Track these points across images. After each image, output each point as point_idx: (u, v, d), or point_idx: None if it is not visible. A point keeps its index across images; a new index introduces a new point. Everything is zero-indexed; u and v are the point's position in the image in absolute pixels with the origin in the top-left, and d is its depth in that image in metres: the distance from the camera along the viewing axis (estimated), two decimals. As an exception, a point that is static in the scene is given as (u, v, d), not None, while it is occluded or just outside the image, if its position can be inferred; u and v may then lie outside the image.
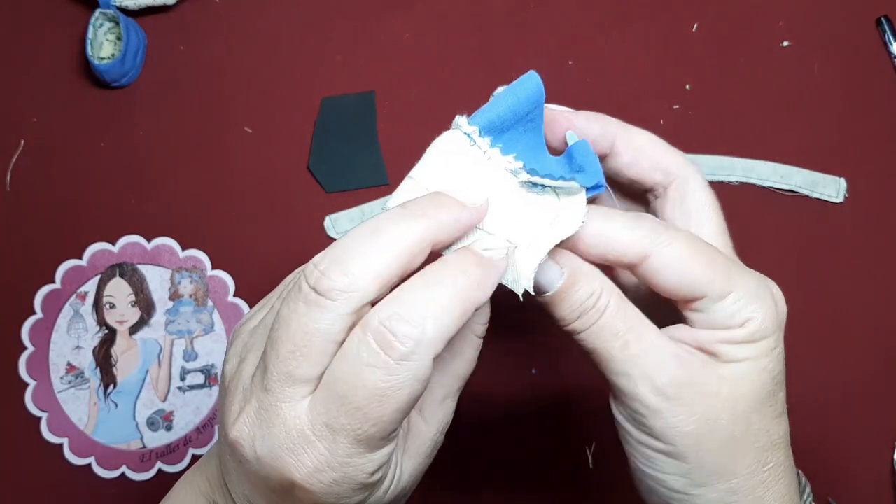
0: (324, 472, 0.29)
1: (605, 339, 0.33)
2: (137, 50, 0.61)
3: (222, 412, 0.32)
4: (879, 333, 0.58)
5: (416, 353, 0.28)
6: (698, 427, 0.32)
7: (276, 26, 0.62)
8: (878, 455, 0.57)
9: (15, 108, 0.62)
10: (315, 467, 0.28)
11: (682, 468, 0.33)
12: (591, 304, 0.32)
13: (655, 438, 0.33)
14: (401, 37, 0.62)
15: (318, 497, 0.29)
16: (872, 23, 0.61)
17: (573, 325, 0.33)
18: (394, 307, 0.28)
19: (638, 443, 0.34)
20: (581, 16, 0.62)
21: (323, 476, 0.29)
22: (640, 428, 0.33)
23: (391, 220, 0.29)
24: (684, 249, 0.32)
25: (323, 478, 0.29)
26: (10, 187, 0.61)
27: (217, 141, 0.61)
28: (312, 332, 0.28)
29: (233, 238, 0.60)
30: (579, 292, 0.32)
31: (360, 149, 0.60)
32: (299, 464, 0.29)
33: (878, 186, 0.59)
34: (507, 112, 0.34)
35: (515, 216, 0.33)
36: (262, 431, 0.29)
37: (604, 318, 0.32)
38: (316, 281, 0.28)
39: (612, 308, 0.32)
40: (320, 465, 0.28)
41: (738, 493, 0.33)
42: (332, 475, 0.29)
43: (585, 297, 0.32)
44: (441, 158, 0.33)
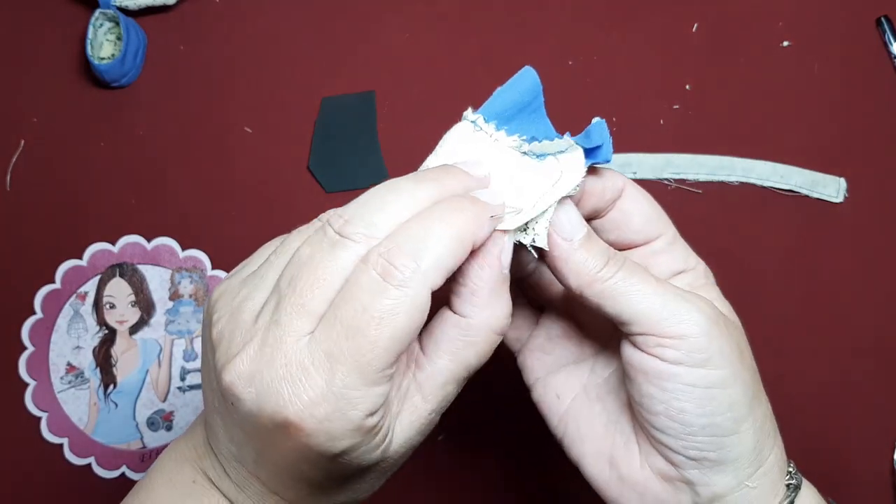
0: (318, 406, 0.29)
1: (637, 282, 0.34)
2: (137, 50, 0.61)
3: (210, 365, 0.32)
4: (879, 333, 0.58)
5: (414, 280, 0.30)
6: (733, 349, 0.34)
7: (276, 26, 0.62)
8: (878, 455, 0.57)
9: (15, 108, 0.62)
10: (310, 400, 0.29)
11: (732, 396, 0.34)
12: (612, 252, 0.35)
13: (712, 368, 0.34)
14: (401, 37, 0.62)
15: (309, 435, 0.29)
16: (872, 23, 0.61)
17: (602, 272, 0.34)
18: (393, 242, 0.30)
19: (693, 387, 0.34)
20: (581, 16, 0.62)
21: (317, 410, 0.29)
22: (695, 366, 0.34)
23: (406, 181, 0.32)
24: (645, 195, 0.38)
25: (317, 411, 0.29)
26: (10, 187, 0.61)
27: (217, 141, 0.61)
28: (332, 269, 0.30)
29: (233, 238, 0.60)
30: (599, 241, 0.35)
31: (360, 149, 0.60)
32: (294, 397, 0.29)
33: (878, 186, 0.59)
34: (509, 103, 0.36)
35: (520, 185, 0.35)
36: (261, 367, 0.30)
37: (629, 262, 0.35)
38: (340, 226, 0.31)
39: (628, 258, 0.35)
40: (315, 398, 0.29)
41: (762, 430, 0.35)
42: (325, 408, 0.29)
43: (605, 245, 0.35)
44: (450, 146, 0.36)
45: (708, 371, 0.34)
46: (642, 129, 0.60)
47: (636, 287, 0.34)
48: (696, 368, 0.34)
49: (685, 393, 0.34)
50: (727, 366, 0.34)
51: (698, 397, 0.34)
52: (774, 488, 0.36)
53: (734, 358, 0.34)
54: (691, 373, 0.34)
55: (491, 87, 0.61)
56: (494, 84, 0.61)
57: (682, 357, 0.34)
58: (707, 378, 0.34)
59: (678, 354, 0.34)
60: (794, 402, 0.57)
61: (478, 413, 0.58)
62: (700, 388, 0.34)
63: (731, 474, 0.35)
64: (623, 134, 0.60)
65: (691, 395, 0.34)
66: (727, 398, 0.34)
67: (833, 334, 0.58)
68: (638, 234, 0.38)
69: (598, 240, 0.36)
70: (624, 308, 0.34)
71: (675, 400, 0.34)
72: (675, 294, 0.34)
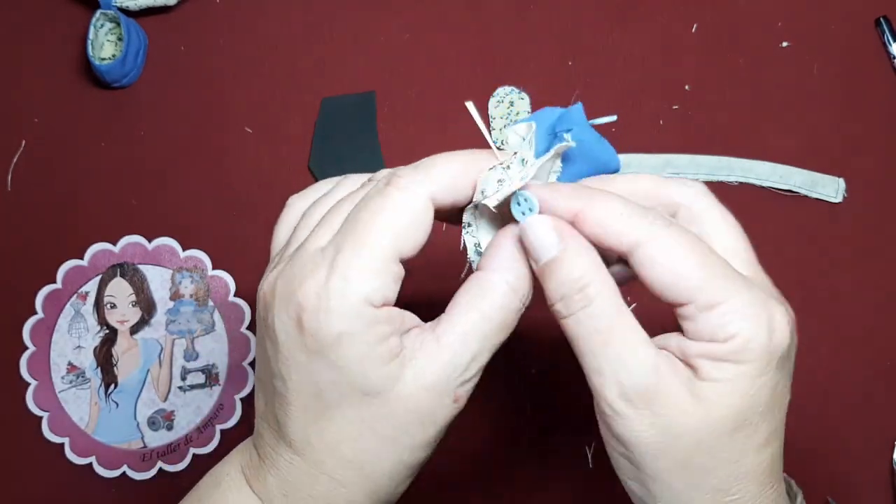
0: (320, 284, 0.32)
1: (586, 330, 0.32)
2: (138, 50, 0.61)
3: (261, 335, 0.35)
4: (879, 333, 0.58)
5: (413, 184, 0.33)
6: (657, 441, 0.31)
7: (276, 26, 0.62)
8: (878, 455, 0.57)
9: (16, 109, 0.62)
10: (315, 282, 0.32)
11: (639, 476, 0.33)
12: (577, 287, 0.32)
13: (616, 440, 0.33)
14: (401, 37, 0.62)
15: (310, 315, 0.32)
16: (872, 23, 0.61)
17: (557, 307, 0.33)
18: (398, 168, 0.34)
19: (608, 442, 0.34)
20: (581, 16, 0.62)
21: (318, 287, 0.32)
22: (605, 427, 0.33)
23: (444, 155, 0.35)
24: (679, 247, 0.31)
25: (318, 288, 0.32)
26: (11, 187, 0.62)
27: (217, 141, 0.61)
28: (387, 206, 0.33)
29: (233, 238, 0.60)
30: (569, 270, 0.32)
31: (360, 149, 0.60)
32: (303, 282, 0.32)
33: (877, 186, 0.59)
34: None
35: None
36: (285, 270, 0.33)
37: (590, 308, 0.32)
38: (397, 181, 0.34)
39: (599, 301, 0.32)
40: (319, 279, 0.32)
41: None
42: (325, 286, 0.32)
43: (575, 276, 0.32)
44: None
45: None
46: (642, 129, 0.60)
47: (589, 336, 0.32)
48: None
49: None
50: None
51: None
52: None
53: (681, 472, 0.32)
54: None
55: (491, 87, 0.61)
56: (495, 84, 0.61)
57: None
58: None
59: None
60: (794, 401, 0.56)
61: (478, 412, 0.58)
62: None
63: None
64: (623, 134, 0.60)
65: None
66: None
67: (832, 334, 0.58)
68: (661, 297, 0.32)
69: (571, 265, 0.32)
70: (582, 359, 0.33)
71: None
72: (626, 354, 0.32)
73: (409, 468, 0.35)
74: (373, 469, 0.34)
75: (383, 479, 0.35)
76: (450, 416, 0.34)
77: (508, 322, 0.34)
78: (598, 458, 0.57)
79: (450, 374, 0.33)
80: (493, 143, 0.35)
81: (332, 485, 0.34)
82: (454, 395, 0.33)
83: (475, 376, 0.34)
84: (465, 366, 0.33)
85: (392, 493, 0.35)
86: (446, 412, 0.34)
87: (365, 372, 0.32)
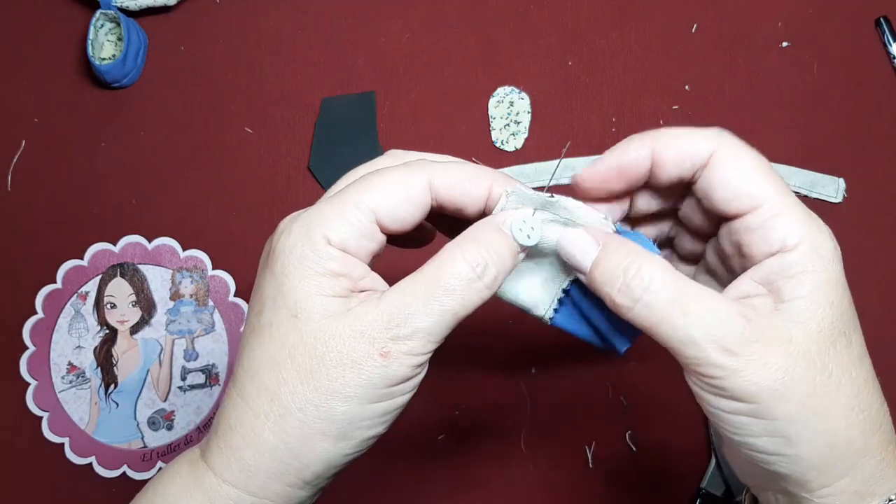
0: (295, 219, 0.35)
1: (660, 309, 0.32)
2: (138, 50, 0.61)
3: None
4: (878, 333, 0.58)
5: (417, 165, 0.35)
6: (776, 379, 0.31)
7: (276, 26, 0.63)
8: (878, 454, 0.57)
9: (16, 109, 0.62)
10: (296, 215, 0.35)
11: (771, 427, 0.32)
12: (630, 272, 0.32)
13: (738, 400, 0.32)
14: (401, 37, 0.62)
15: (279, 234, 0.35)
16: (871, 23, 0.61)
17: (620, 301, 0.33)
18: None
19: (723, 412, 0.32)
20: (581, 16, 0.62)
21: (294, 221, 0.35)
22: (720, 394, 0.32)
23: (462, 162, 0.37)
24: (747, 155, 0.33)
25: (294, 220, 0.35)
26: (11, 187, 0.62)
27: (217, 141, 0.61)
28: (383, 174, 0.36)
29: (233, 238, 0.60)
30: (616, 260, 0.33)
31: (360, 149, 0.60)
32: (291, 217, 0.35)
33: (877, 186, 0.59)
34: None
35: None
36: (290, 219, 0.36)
37: (652, 285, 0.32)
38: (409, 159, 0.37)
39: (657, 277, 0.32)
40: (300, 214, 0.35)
41: (836, 447, 0.32)
42: (299, 218, 0.35)
43: (623, 263, 0.33)
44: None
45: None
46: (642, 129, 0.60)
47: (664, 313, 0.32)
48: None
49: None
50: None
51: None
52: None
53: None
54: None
55: (491, 87, 0.61)
56: (495, 84, 0.61)
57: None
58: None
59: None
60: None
61: (478, 411, 0.58)
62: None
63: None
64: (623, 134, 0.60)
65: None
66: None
67: (832, 334, 0.58)
68: (727, 208, 0.33)
69: (614, 254, 0.33)
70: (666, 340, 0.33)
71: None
72: None
73: (327, 418, 0.33)
74: (286, 404, 0.33)
75: (294, 422, 0.33)
76: (377, 375, 0.33)
77: (458, 290, 0.33)
78: (598, 458, 0.57)
79: (380, 323, 0.33)
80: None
81: (247, 413, 0.34)
82: (382, 347, 0.32)
83: (413, 342, 0.33)
84: (399, 321, 0.32)
85: (309, 451, 0.33)
86: (372, 365, 0.32)
87: (298, 291, 0.33)
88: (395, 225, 0.34)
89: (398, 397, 0.34)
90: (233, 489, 0.34)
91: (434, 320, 0.33)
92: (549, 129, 0.60)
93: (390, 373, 0.33)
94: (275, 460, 0.33)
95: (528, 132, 0.60)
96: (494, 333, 0.58)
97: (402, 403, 0.34)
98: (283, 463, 0.33)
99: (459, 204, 0.35)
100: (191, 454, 0.36)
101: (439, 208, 0.36)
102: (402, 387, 0.33)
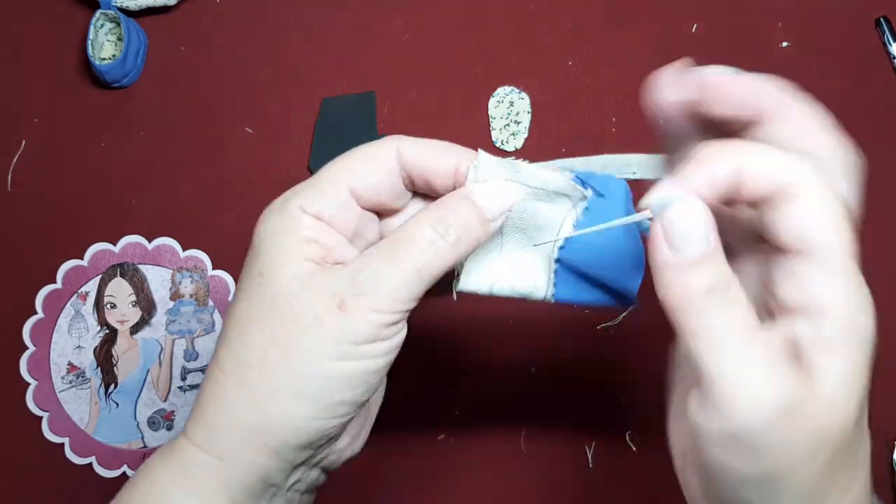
0: (276, 198, 0.36)
1: (723, 333, 0.29)
2: (138, 50, 0.61)
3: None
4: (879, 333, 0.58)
5: (388, 139, 0.35)
6: (804, 449, 0.29)
7: (276, 26, 0.63)
8: (877, 455, 0.57)
9: (16, 109, 0.62)
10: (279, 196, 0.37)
11: (768, 490, 0.30)
12: (723, 287, 0.29)
13: (747, 457, 0.29)
14: (401, 37, 0.62)
15: (260, 218, 0.36)
16: (872, 23, 0.61)
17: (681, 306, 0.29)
18: None
19: (720, 457, 0.30)
20: (581, 16, 0.62)
21: (275, 200, 0.37)
22: (726, 442, 0.30)
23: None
24: (825, 200, 0.30)
25: (275, 200, 0.37)
26: (11, 187, 0.62)
27: (217, 141, 0.61)
28: (358, 150, 0.37)
29: (233, 238, 0.60)
30: (713, 269, 0.29)
31: (360, 149, 0.61)
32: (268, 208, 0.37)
33: (877, 187, 0.59)
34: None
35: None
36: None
37: (730, 308, 0.29)
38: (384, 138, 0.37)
39: (738, 300, 0.29)
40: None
41: None
42: (281, 197, 0.37)
43: (719, 276, 0.29)
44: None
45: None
46: (642, 129, 0.60)
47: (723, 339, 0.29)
48: None
49: None
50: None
51: None
52: None
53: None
54: None
55: (491, 86, 0.61)
56: (495, 84, 0.61)
57: None
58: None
59: None
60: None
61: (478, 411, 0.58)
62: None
63: None
64: (623, 134, 0.60)
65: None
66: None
67: (832, 334, 0.58)
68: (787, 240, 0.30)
69: (716, 263, 0.29)
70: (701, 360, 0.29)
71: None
72: None
73: (288, 375, 0.33)
74: (248, 359, 0.33)
75: (254, 375, 0.33)
76: (336, 328, 0.32)
77: (420, 248, 0.33)
78: (598, 458, 0.57)
79: (342, 281, 0.33)
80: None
81: (215, 373, 0.34)
82: (340, 301, 0.32)
83: (377, 297, 0.32)
84: (362, 279, 0.32)
85: (270, 409, 0.33)
86: (331, 319, 0.32)
87: (268, 255, 0.34)
88: (370, 192, 0.35)
89: (366, 360, 0.33)
90: (200, 452, 0.33)
91: (398, 279, 0.32)
92: (549, 129, 0.60)
93: (352, 328, 0.32)
94: (239, 421, 0.33)
95: (528, 132, 0.60)
96: (494, 333, 0.58)
97: (371, 368, 0.33)
98: (248, 425, 0.33)
99: (427, 174, 0.35)
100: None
101: (411, 184, 0.36)
102: (369, 348, 0.33)
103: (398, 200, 0.36)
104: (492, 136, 0.60)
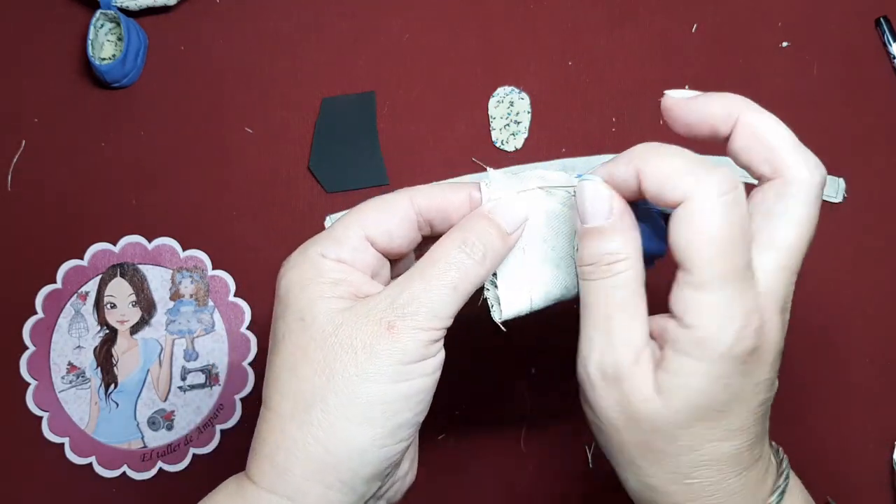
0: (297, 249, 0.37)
1: (598, 299, 0.34)
2: (138, 50, 0.61)
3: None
4: (879, 333, 0.58)
5: (402, 190, 0.37)
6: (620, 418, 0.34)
7: (276, 26, 0.63)
8: (877, 455, 0.57)
9: (16, 109, 0.62)
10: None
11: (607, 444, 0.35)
12: (609, 260, 0.33)
13: (588, 407, 0.35)
14: (401, 37, 0.62)
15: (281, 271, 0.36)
16: (871, 23, 0.61)
17: (585, 268, 0.34)
18: None
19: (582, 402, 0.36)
20: (581, 16, 0.62)
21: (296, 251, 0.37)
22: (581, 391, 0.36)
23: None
24: (715, 214, 0.32)
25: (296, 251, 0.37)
26: (11, 187, 0.62)
27: (217, 141, 0.61)
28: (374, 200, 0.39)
29: (233, 238, 0.60)
30: (608, 242, 0.34)
31: (360, 149, 0.61)
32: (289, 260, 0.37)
33: (877, 186, 0.59)
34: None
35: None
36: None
37: (611, 281, 0.33)
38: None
39: (622, 279, 0.33)
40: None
41: (656, 490, 0.35)
42: (300, 248, 0.37)
43: (612, 249, 0.33)
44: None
45: None
46: (642, 129, 0.60)
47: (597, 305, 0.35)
48: None
49: None
50: None
51: None
52: (757, 487, 0.35)
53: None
54: None
55: (491, 86, 0.61)
56: (495, 84, 0.61)
57: None
58: None
59: None
60: (794, 401, 0.57)
61: (478, 411, 0.58)
62: None
63: None
64: (623, 134, 0.60)
65: None
66: None
67: (832, 334, 0.58)
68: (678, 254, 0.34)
69: (611, 238, 0.34)
70: (583, 321, 0.35)
71: None
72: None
73: (348, 403, 0.34)
74: (307, 398, 0.34)
75: (318, 413, 0.34)
76: (387, 351, 0.34)
77: (451, 266, 0.35)
78: (598, 458, 0.57)
79: (383, 305, 0.34)
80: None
81: (274, 419, 0.35)
82: (388, 322, 0.34)
83: (419, 317, 0.34)
84: (402, 300, 0.34)
85: (337, 441, 0.34)
86: (381, 342, 0.34)
87: (302, 300, 0.35)
88: (384, 238, 0.36)
89: (417, 379, 0.34)
90: (272, 496, 0.34)
91: (436, 298, 0.34)
92: (549, 129, 0.60)
93: (401, 347, 0.34)
94: (307, 458, 0.34)
95: (528, 132, 0.60)
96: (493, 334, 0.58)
97: (424, 387, 0.35)
98: (316, 460, 0.34)
99: (445, 212, 0.37)
100: (239, 475, 0.36)
101: (429, 227, 0.37)
102: (419, 367, 0.34)
103: (409, 246, 0.38)
104: (492, 136, 0.60)
